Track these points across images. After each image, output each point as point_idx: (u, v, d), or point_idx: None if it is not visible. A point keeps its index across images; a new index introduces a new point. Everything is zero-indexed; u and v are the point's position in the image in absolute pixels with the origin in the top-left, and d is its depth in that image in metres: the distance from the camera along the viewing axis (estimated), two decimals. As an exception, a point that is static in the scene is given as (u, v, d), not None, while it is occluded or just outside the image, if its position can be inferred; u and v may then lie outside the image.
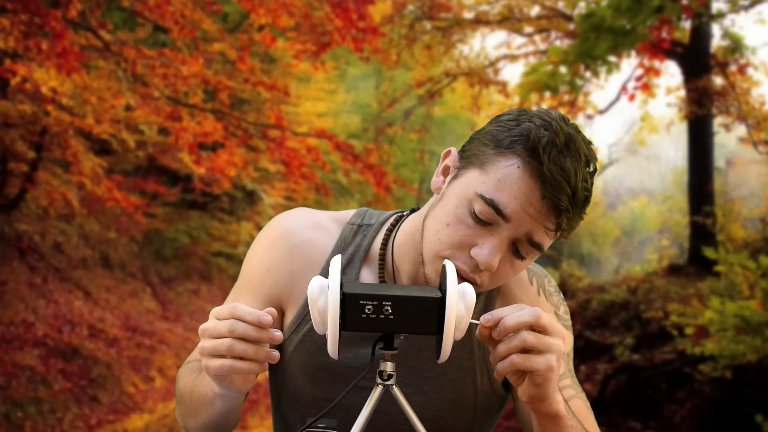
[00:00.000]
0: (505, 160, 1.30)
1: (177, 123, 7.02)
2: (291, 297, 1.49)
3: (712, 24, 8.29)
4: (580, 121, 9.16)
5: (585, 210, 1.33)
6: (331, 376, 1.47)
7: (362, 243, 1.49)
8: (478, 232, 1.32)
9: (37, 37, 6.35)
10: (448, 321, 1.20)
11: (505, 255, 1.33)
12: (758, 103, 8.25)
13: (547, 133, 1.28)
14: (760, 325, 6.20)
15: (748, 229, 7.83)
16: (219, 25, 7.54)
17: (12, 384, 6.18)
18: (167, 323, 7.74)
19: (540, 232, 1.31)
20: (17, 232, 7.13)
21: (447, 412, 1.41)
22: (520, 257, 1.35)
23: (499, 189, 1.29)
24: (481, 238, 1.32)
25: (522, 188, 1.28)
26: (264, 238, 1.53)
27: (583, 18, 7.93)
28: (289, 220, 1.52)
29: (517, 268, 1.37)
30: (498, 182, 1.30)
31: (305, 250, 1.49)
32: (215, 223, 8.84)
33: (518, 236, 1.32)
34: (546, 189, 1.27)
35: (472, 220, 1.32)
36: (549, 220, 1.29)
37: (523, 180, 1.28)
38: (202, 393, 1.38)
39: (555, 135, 1.28)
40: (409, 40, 8.95)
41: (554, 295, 1.54)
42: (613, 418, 6.68)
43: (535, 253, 1.35)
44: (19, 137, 7.01)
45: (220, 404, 1.36)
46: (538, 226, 1.30)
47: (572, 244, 13.17)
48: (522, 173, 1.28)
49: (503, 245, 1.32)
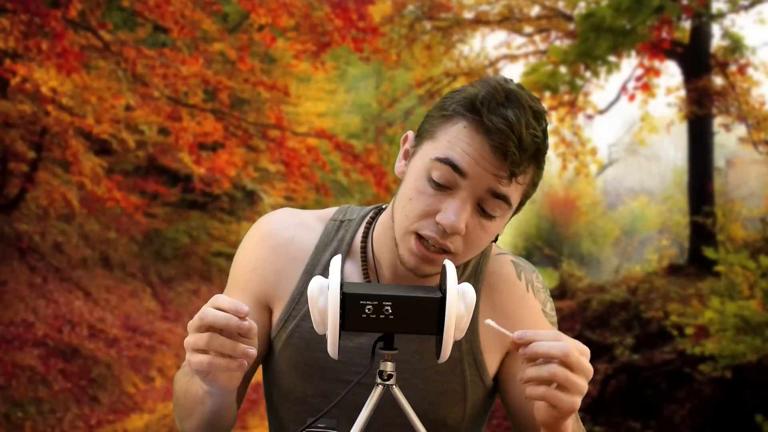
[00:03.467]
0: (451, 124, 1.35)
1: (177, 123, 7.02)
2: (277, 295, 1.51)
3: (712, 24, 8.28)
4: (580, 121, 9.17)
5: (541, 159, 1.37)
6: (320, 371, 1.48)
7: (344, 238, 1.52)
8: (440, 197, 1.35)
9: (37, 37, 6.35)
10: (448, 321, 1.20)
11: (472, 217, 1.36)
12: (758, 103, 8.25)
13: (485, 90, 1.35)
14: (760, 325, 6.20)
15: (748, 229, 7.82)
16: (219, 25, 7.54)
17: (12, 384, 6.18)
18: (167, 323, 7.74)
19: (499, 183, 1.33)
20: (17, 232, 7.13)
21: (437, 405, 1.42)
22: (489, 217, 1.37)
23: (450, 148, 1.34)
24: (444, 203, 1.35)
25: (471, 143, 1.32)
26: (250, 238, 1.56)
27: (583, 18, 7.93)
28: (273, 220, 1.56)
29: (489, 230, 1.38)
30: (448, 143, 1.34)
31: (289, 248, 1.52)
32: (215, 223, 8.84)
33: (479, 194, 1.34)
34: (492, 139, 1.31)
35: (432, 187, 1.35)
36: (503, 169, 1.32)
37: (471, 136, 1.33)
38: (194, 392, 1.40)
39: (494, 91, 1.34)
40: (409, 40, 8.95)
41: (542, 291, 1.56)
42: (613, 418, 6.68)
43: (503, 207, 1.36)
44: (19, 137, 7.01)
45: (210, 402, 1.37)
46: (496, 178, 1.33)
47: (572, 244, 13.16)
48: (468, 131, 1.33)
49: (466, 205, 1.34)
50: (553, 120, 9.17)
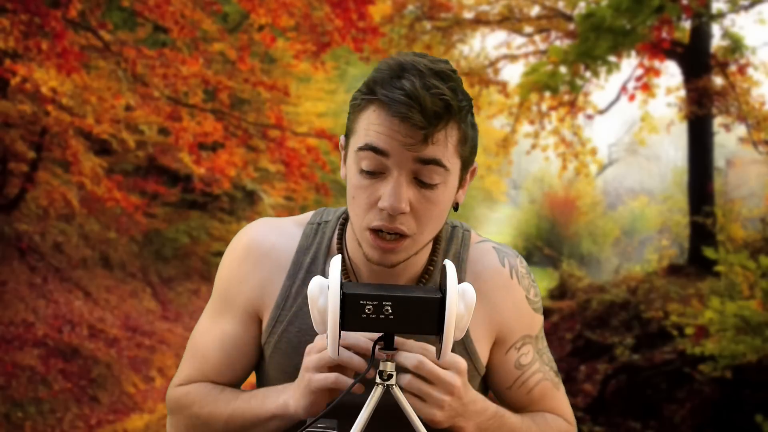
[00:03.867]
0: (362, 113, 1.38)
1: (177, 123, 7.02)
2: (264, 303, 1.53)
3: (712, 24, 8.28)
4: (580, 121, 9.17)
5: (456, 113, 1.35)
6: None
7: (323, 240, 1.53)
8: (376, 185, 1.37)
9: (37, 37, 6.34)
10: (448, 321, 1.20)
11: (413, 191, 1.36)
12: (758, 103, 8.25)
13: (381, 70, 1.37)
14: (760, 325, 6.20)
15: (748, 229, 7.82)
16: (219, 25, 7.54)
17: (12, 384, 6.18)
18: (167, 323, 7.74)
19: (423, 150, 1.34)
20: (17, 232, 7.13)
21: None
22: (429, 186, 1.37)
23: (366, 135, 1.36)
24: (380, 189, 1.36)
25: (381, 123, 1.35)
26: (231, 252, 1.59)
27: (583, 18, 7.93)
28: (252, 231, 1.58)
29: (437, 200, 1.38)
30: (364, 131, 1.37)
31: (271, 256, 1.54)
32: (215, 223, 8.84)
33: (409, 166, 1.35)
34: (395, 112, 1.32)
35: (366, 178, 1.37)
36: (415, 136, 1.33)
37: (378, 117, 1.35)
38: (250, 416, 1.44)
39: (387, 68, 1.36)
40: (409, 40, 8.95)
41: (526, 277, 1.56)
42: (613, 418, 6.68)
43: (439, 172, 1.36)
44: (19, 137, 7.01)
45: (274, 425, 1.42)
46: (414, 146, 1.33)
47: (572, 244, 13.16)
48: (375, 114, 1.35)
49: (400, 182, 1.35)
50: (553, 120, 9.17)
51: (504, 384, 1.53)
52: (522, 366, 1.53)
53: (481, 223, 14.97)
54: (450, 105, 1.33)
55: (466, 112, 1.37)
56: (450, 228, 1.56)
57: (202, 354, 1.54)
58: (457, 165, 1.39)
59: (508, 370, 1.53)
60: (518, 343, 1.53)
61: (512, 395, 1.53)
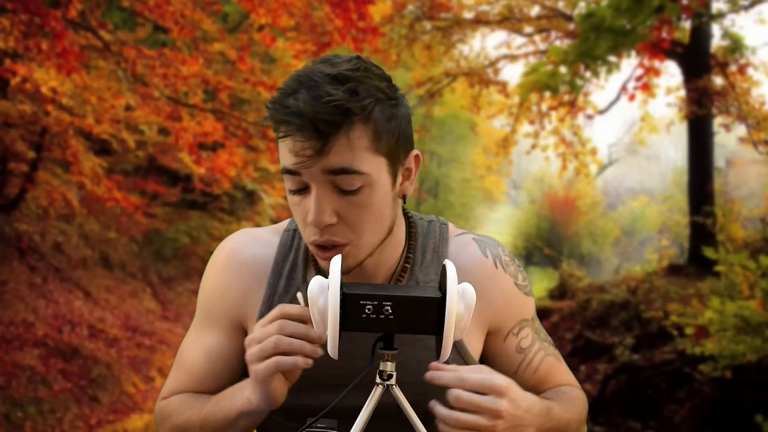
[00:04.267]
0: (278, 138, 1.39)
1: (177, 123, 7.02)
2: (248, 314, 1.53)
3: (712, 24, 8.29)
4: (580, 121, 9.18)
5: (360, 113, 1.33)
6: (298, 383, 1.48)
7: (300, 246, 1.53)
8: (303, 202, 1.38)
9: (37, 37, 6.34)
10: (449, 321, 1.20)
11: (337, 201, 1.36)
12: (758, 103, 8.26)
13: (276, 93, 1.38)
14: (760, 325, 6.20)
15: (748, 229, 7.83)
16: (219, 25, 7.54)
17: (12, 384, 6.18)
18: (167, 323, 7.74)
19: (327, 162, 1.33)
20: (17, 232, 7.13)
21: (424, 396, 1.41)
22: (351, 192, 1.35)
23: (281, 158, 1.37)
24: (307, 205, 1.37)
25: (284, 144, 1.35)
26: (213, 265, 1.59)
27: (583, 18, 7.93)
28: (231, 242, 1.58)
29: (363, 204, 1.37)
30: (280, 153, 1.38)
31: (251, 266, 1.54)
32: (215, 223, 8.85)
33: (322, 179, 1.34)
34: (287, 131, 1.33)
35: (295, 196, 1.39)
36: (314, 148, 1.32)
37: (282, 140, 1.36)
38: (221, 417, 1.42)
39: (283, 87, 1.36)
40: (409, 40, 8.96)
41: (511, 265, 1.55)
42: (613, 418, 6.68)
43: (354, 177, 1.34)
44: (19, 137, 7.01)
45: (244, 423, 1.39)
46: (317, 160, 1.33)
47: (572, 244, 13.17)
48: (281, 138, 1.36)
49: (320, 195, 1.35)
50: (553, 120, 9.18)
51: (509, 370, 1.52)
52: (524, 349, 1.53)
53: (481, 223, 14.96)
54: (347, 109, 1.31)
55: (373, 107, 1.34)
56: (426, 223, 1.54)
57: (187, 367, 1.55)
58: (379, 163, 1.36)
59: (510, 356, 1.53)
60: (515, 329, 1.53)
61: (519, 379, 1.52)
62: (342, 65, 1.35)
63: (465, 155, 13.76)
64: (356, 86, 1.33)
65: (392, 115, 1.36)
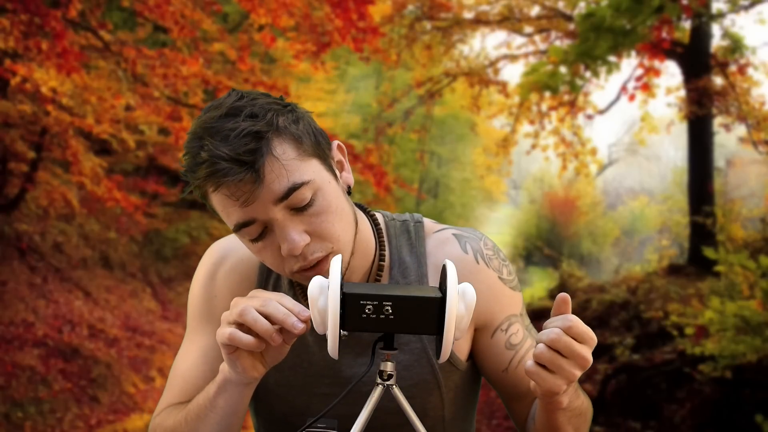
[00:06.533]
0: (207, 197, 1.36)
1: (177, 123, 7.02)
2: None
3: (712, 24, 8.29)
4: (580, 121, 9.18)
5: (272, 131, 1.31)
6: (293, 389, 1.48)
7: None
8: (269, 241, 1.35)
9: (37, 37, 6.34)
10: (449, 321, 1.20)
11: (299, 220, 1.34)
12: (758, 103, 8.26)
13: (185, 158, 1.36)
14: (760, 325, 6.20)
15: (748, 229, 7.83)
16: (219, 25, 7.54)
17: (12, 384, 6.18)
18: (167, 323, 7.74)
19: (273, 189, 1.31)
20: (17, 232, 7.13)
21: (413, 398, 1.41)
22: (305, 207, 1.34)
23: (226, 217, 1.35)
24: (275, 242, 1.35)
25: (219, 201, 1.34)
26: (202, 270, 1.59)
27: (583, 18, 7.94)
28: (218, 248, 1.59)
29: (323, 210, 1.35)
30: (222, 213, 1.36)
31: (240, 269, 1.54)
32: (215, 223, 8.83)
33: (274, 209, 1.32)
34: (217, 187, 1.31)
35: (257, 242, 1.36)
36: (251, 186, 1.30)
37: (215, 198, 1.34)
38: (202, 404, 1.39)
39: (188, 150, 1.34)
40: (409, 40, 8.96)
41: (494, 258, 1.51)
42: (613, 418, 6.68)
43: (300, 189, 1.32)
44: (19, 137, 7.01)
45: (223, 403, 1.36)
46: (259, 194, 1.31)
47: (572, 244, 13.16)
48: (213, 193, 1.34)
49: (283, 225, 1.33)
50: (553, 120, 9.18)
51: (499, 367, 1.50)
52: (514, 345, 1.50)
53: (481, 223, 14.96)
54: (256, 132, 1.29)
55: (276, 119, 1.32)
56: (399, 223, 1.52)
57: (182, 377, 1.53)
58: (313, 165, 1.35)
59: (499, 353, 1.50)
60: (504, 325, 1.50)
61: (510, 377, 1.50)
62: (226, 102, 1.33)
63: (465, 155, 13.77)
64: (250, 110, 1.31)
65: (296, 118, 1.35)
